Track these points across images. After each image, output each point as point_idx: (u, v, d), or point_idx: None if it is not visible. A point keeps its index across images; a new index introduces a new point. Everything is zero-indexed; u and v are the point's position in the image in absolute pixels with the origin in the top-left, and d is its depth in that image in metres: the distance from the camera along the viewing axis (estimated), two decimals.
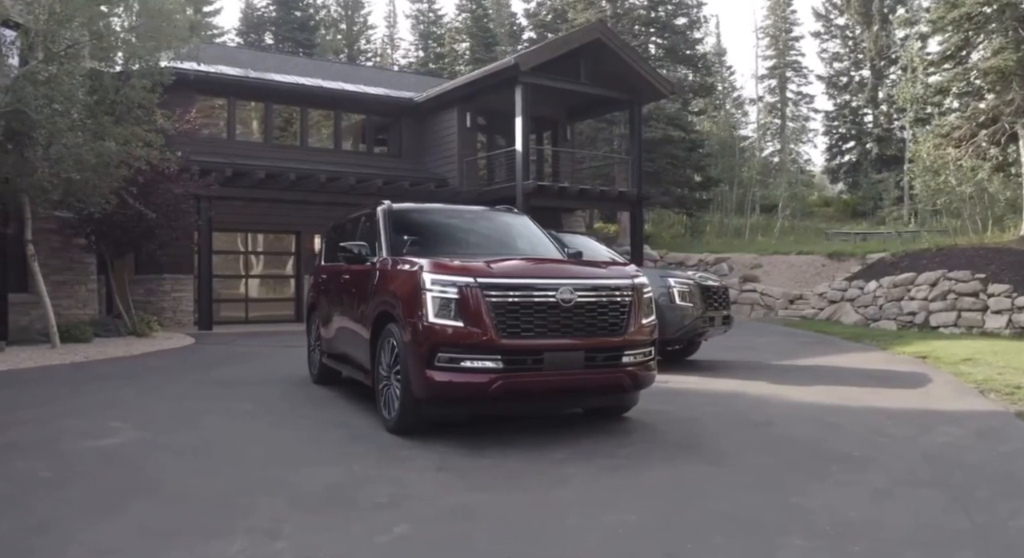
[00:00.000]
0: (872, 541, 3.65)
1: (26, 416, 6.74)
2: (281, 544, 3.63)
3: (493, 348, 5.45)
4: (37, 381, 8.75)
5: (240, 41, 40.09)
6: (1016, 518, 3.97)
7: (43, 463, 5.12)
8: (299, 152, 21.16)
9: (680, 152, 27.51)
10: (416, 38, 46.56)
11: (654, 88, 21.07)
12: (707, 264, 24.06)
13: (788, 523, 3.93)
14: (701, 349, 11.77)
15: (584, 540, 3.71)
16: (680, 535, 3.76)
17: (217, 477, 4.82)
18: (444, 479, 4.82)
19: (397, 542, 3.68)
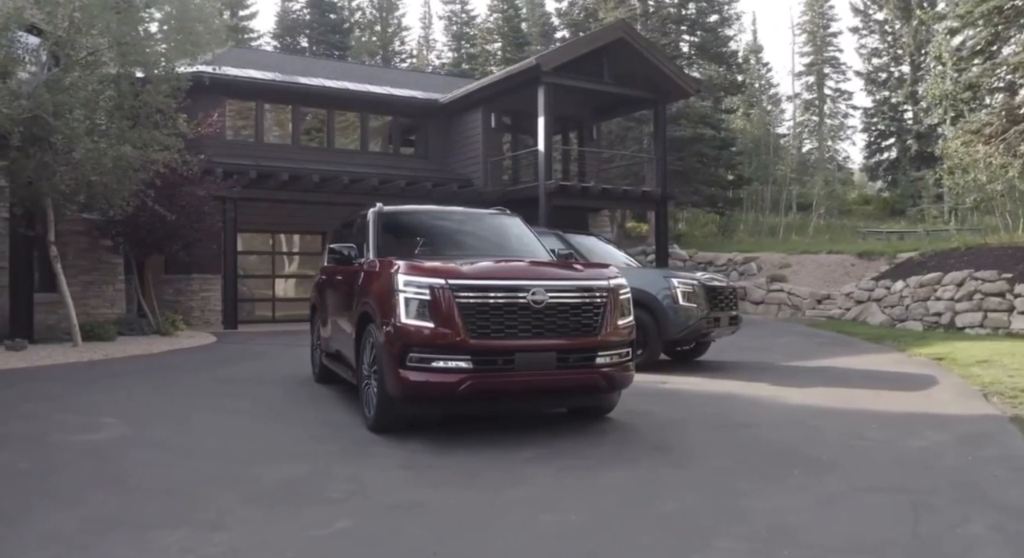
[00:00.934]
0: (801, 547, 3.63)
1: (27, 411, 7.01)
2: (220, 535, 3.75)
3: (463, 348, 5.52)
4: (49, 378, 9.05)
5: (276, 44, 40.76)
6: (962, 526, 3.90)
7: (25, 456, 5.33)
8: (326, 154, 21.46)
9: (710, 151, 27.24)
10: (449, 39, 46.88)
11: (679, 87, 20.91)
12: (736, 264, 23.82)
13: (725, 526, 3.92)
14: (714, 350, 11.70)
15: (514, 539, 3.75)
16: (611, 536, 3.78)
17: (185, 471, 4.97)
18: (404, 476, 4.91)
19: (332, 536, 3.77)
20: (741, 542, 3.67)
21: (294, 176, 18.39)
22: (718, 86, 29.26)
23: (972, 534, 3.79)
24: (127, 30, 12.19)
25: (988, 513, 4.09)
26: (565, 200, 20.06)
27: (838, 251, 22.07)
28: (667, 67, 20.73)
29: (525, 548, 3.63)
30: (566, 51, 19.82)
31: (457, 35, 46.00)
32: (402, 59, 46.50)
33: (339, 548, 3.65)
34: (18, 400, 7.63)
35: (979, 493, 4.48)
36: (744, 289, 21.68)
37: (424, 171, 21.52)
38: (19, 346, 10.81)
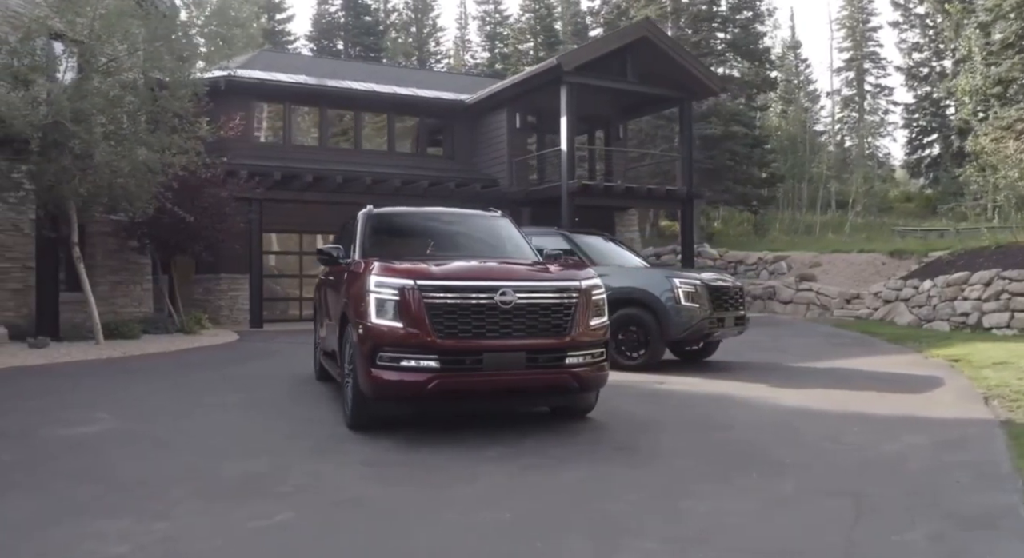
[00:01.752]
0: (720, 549, 3.63)
1: (29, 406, 7.29)
2: (161, 525, 3.90)
3: (431, 348, 5.60)
4: (61, 374, 9.37)
5: (312, 46, 41.37)
6: (901, 533, 3.83)
7: (11, 448, 5.57)
8: (354, 155, 21.76)
9: (741, 149, 26.90)
10: (482, 39, 47.04)
11: (704, 85, 20.73)
12: (766, 263, 23.54)
13: (656, 526, 3.94)
14: (727, 350, 11.62)
15: (442, 535, 3.82)
16: (537, 534, 3.82)
17: (152, 464, 5.14)
18: (361, 472, 5.01)
19: (266, 527, 3.89)
20: (664, 543, 3.69)
21: (318, 177, 18.70)
22: (750, 83, 28.87)
23: (908, 541, 3.73)
24: (147, 37, 12.48)
25: (934, 520, 4.02)
26: (588, 199, 20.05)
27: (869, 250, 21.66)
28: (692, 65, 20.57)
29: (445, 545, 3.69)
30: (589, 50, 19.81)
31: (490, 35, 46.14)
32: (437, 60, 46.81)
33: (267, 538, 3.76)
34: (24, 395, 7.94)
35: (933, 499, 4.40)
36: (773, 288, 21.44)
37: (450, 171, 21.67)
38: (41, 344, 11.21)
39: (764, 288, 21.84)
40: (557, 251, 7.83)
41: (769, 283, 21.86)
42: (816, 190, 32.46)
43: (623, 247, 12.34)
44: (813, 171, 33.26)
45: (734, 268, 24.39)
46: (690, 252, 21.17)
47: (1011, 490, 4.50)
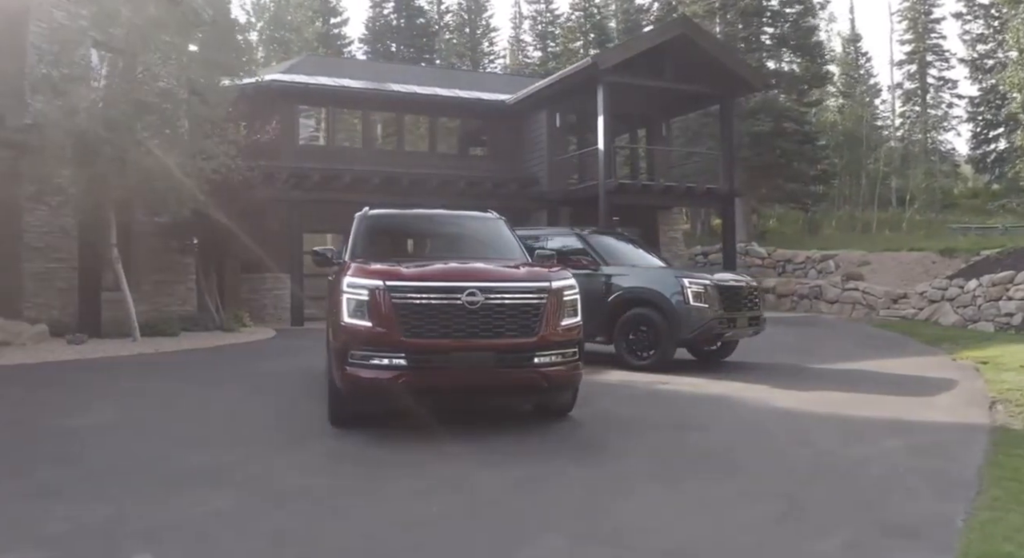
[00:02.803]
0: (622, 547, 3.69)
1: (41, 397, 7.77)
2: (107, 508, 4.17)
3: (399, 347, 5.75)
4: (88, 369, 9.84)
5: (367, 49, 42.10)
6: (817, 540, 3.78)
7: (6, 436, 5.91)
8: (396, 156, 22.10)
9: (791, 145, 26.32)
10: (534, 38, 47.11)
11: (745, 81, 20.41)
12: (814, 262, 23.04)
13: (574, 524, 4.03)
14: (750, 351, 11.49)
15: (359, 524, 4.00)
16: (454, 527, 3.95)
17: (128, 453, 5.44)
18: (318, 464, 5.23)
19: (200, 514, 4.12)
20: (570, 539, 3.76)
21: (356, 178, 19.05)
22: (800, 79, 28.23)
23: (819, 549, 3.70)
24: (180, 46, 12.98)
25: (859, 528, 3.97)
26: (626, 198, 19.95)
27: (919, 248, 21.01)
28: (732, 62, 20.28)
29: (355, 533, 3.84)
30: (625, 49, 19.73)
31: (541, 34, 46.18)
32: (490, 60, 47.08)
33: (192, 522, 3.99)
34: (44, 387, 8.42)
35: (872, 506, 4.33)
36: (819, 288, 20.98)
37: (491, 172, 21.81)
38: (79, 340, 11.78)
39: (811, 287, 21.38)
40: (549, 252, 7.87)
41: (816, 282, 21.39)
42: (873, 187, 31.54)
43: (641, 247, 12.29)
44: (870, 167, 32.29)
45: (782, 267, 23.96)
46: (732, 251, 20.86)
47: (960, 499, 4.39)
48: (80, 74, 11.97)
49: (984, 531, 3.79)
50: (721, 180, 21.01)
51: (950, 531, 3.84)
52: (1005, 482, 4.66)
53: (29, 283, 13.14)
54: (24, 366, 9.57)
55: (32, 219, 13.17)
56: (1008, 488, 4.54)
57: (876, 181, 31.76)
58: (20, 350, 10.74)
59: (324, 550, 3.66)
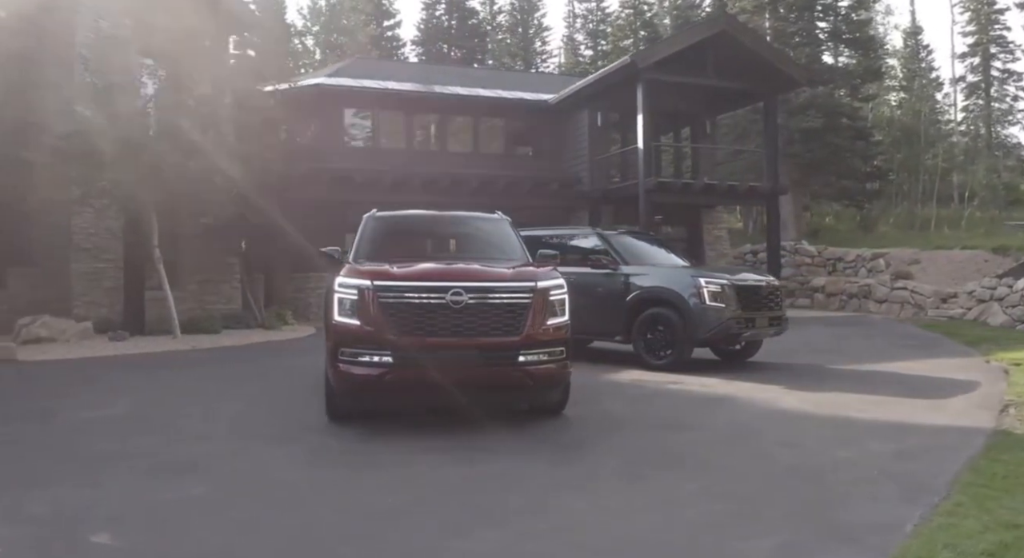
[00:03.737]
0: (556, 543, 3.77)
1: (66, 391, 8.20)
2: (88, 493, 4.48)
3: (386, 345, 5.92)
4: (122, 364, 10.30)
5: (420, 50, 42.58)
6: (752, 540, 3.80)
7: (22, 428, 6.33)
8: (439, 157, 22.37)
9: (844, 141, 25.67)
10: (585, 37, 46.93)
11: (789, 77, 20.04)
12: (864, 260, 22.48)
13: (521, 519, 4.14)
14: (778, 351, 11.38)
15: (321, 513, 4.18)
16: (406, 519, 4.11)
17: (126, 444, 5.76)
18: (301, 458, 5.45)
19: (172, 500, 4.39)
20: (512, 534, 3.90)
21: (398, 180, 19.37)
22: (854, 73, 27.48)
23: (749, 548, 3.72)
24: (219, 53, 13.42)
25: (801, 530, 3.98)
26: (665, 197, 19.80)
27: (972, 246, 20.32)
28: (775, 58, 19.94)
29: (322, 522, 4.03)
30: (664, 47, 19.60)
31: (592, 33, 46.00)
32: (543, 60, 47.08)
33: (163, 508, 4.24)
34: (69, 382, 8.86)
35: (825, 509, 4.31)
36: (868, 287, 20.50)
37: (533, 171, 21.90)
38: (120, 337, 12.32)
39: (859, 287, 20.89)
40: (552, 252, 7.93)
41: (865, 281, 20.89)
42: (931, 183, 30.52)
43: (666, 247, 12.21)
44: (928, 163, 31.23)
45: (832, 266, 23.46)
46: (776, 249, 20.53)
47: (923, 504, 4.32)
48: (123, 82, 12.46)
49: (928, 537, 3.75)
50: (765, 178, 20.69)
51: (892, 537, 3.80)
52: (975, 488, 4.57)
53: (78, 283, 13.77)
54: (62, 361, 10.08)
55: (80, 221, 13.81)
56: (975, 494, 4.46)
57: (935, 177, 30.71)
58: (63, 346, 11.30)
59: (276, 537, 3.84)
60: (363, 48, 37.66)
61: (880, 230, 26.74)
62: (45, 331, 11.46)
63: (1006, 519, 3.97)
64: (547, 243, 11.89)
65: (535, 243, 11.90)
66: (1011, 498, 4.35)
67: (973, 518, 4.02)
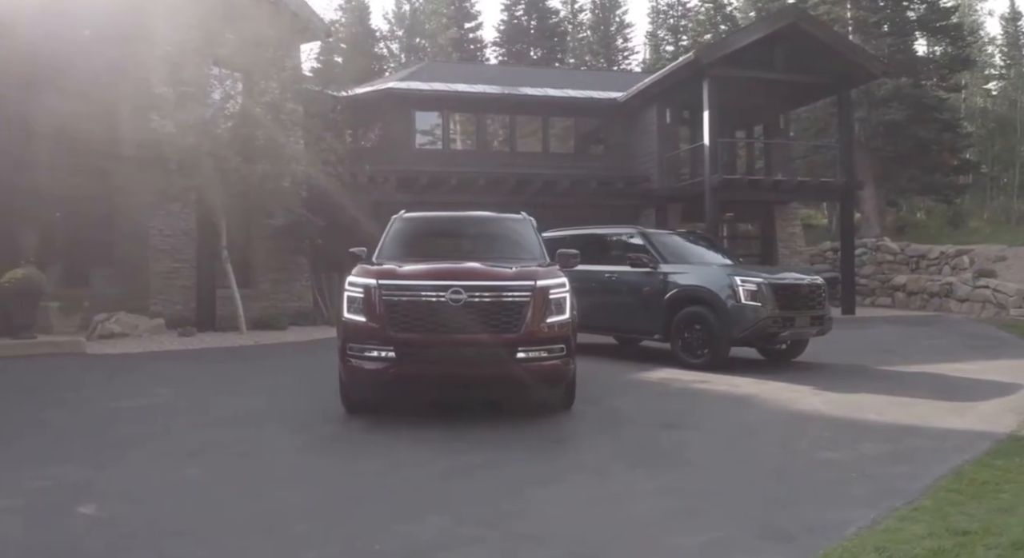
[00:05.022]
0: (495, 530, 3.97)
1: (116, 382, 8.86)
2: (92, 473, 4.94)
3: (388, 341, 6.22)
4: (180, 358, 10.94)
5: (502, 50, 42.97)
6: (684, 536, 3.87)
7: (60, 414, 6.91)
8: (509, 157, 22.65)
9: (929, 134, 24.56)
10: (665, 32, 46.29)
11: (863, 69, 19.37)
12: (948, 257, 21.58)
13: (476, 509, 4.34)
14: (828, 351, 11.23)
15: (285, 494, 4.50)
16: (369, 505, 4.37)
17: (147, 430, 6.24)
18: (305, 444, 5.83)
19: (171, 480, 4.79)
20: (458, 521, 4.09)
21: (462, 181, 19.73)
22: (941, 63, 26.23)
23: (680, 543, 3.81)
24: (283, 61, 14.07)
25: (742, 528, 3.98)
26: (732, 194, 19.51)
27: None
28: (848, 49, 19.33)
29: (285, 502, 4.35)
30: (730, 42, 19.26)
31: (673, 28, 45.37)
32: (624, 57, 46.77)
33: (154, 486, 4.65)
34: (123, 374, 9.54)
35: (778, 509, 4.30)
36: (950, 285, 19.69)
37: (601, 170, 21.90)
38: (188, 333, 13.08)
39: (941, 285, 20.08)
40: (572, 252, 8.01)
41: (946, 280, 20.05)
42: None
43: (709, 246, 12.10)
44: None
45: (915, 263, 22.59)
46: (850, 247, 19.90)
47: (883, 507, 4.26)
48: (192, 92, 13.19)
49: (863, 540, 3.74)
50: (838, 173, 20.08)
51: (829, 538, 3.79)
52: (946, 493, 4.50)
53: (155, 281, 14.67)
54: (126, 355, 10.83)
55: (157, 223, 14.70)
56: (943, 499, 4.38)
57: None
58: (133, 341, 12.11)
59: (243, 513, 4.17)
60: (444, 51, 38.33)
61: (971, 225, 25.44)
62: (119, 327, 12.30)
63: (958, 526, 3.90)
64: (587, 241, 12.02)
65: (576, 241, 12.08)
66: (977, 505, 4.26)
67: (924, 523, 3.96)
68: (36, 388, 8.35)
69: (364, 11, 42.60)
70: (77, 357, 10.43)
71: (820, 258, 24.07)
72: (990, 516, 4.07)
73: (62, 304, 12.35)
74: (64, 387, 8.45)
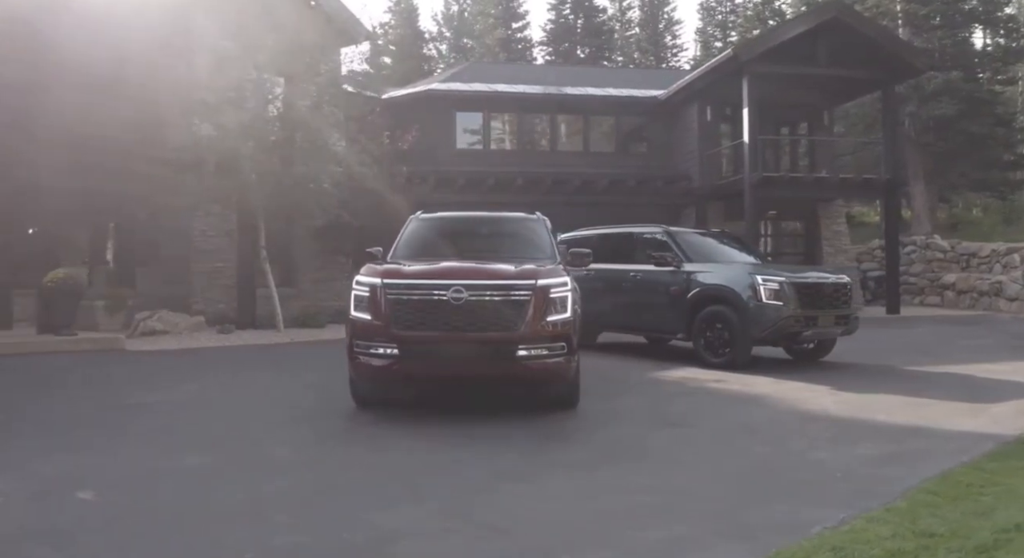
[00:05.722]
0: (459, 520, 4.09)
1: (144, 377, 9.24)
2: (98, 460, 5.25)
3: (392, 338, 6.40)
4: (211, 355, 11.32)
5: (548, 49, 43.04)
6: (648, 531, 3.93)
7: (85, 408, 7.26)
8: (550, 156, 22.75)
9: (982, 128, 23.81)
10: (713, 28, 45.69)
11: (908, 63, 18.94)
12: (999, 255, 20.94)
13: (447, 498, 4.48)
14: (859, 350, 11.17)
15: (272, 485, 4.70)
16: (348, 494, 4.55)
17: (163, 423, 6.54)
18: (309, 439, 6.05)
19: (170, 469, 5.05)
20: (424, 510, 4.24)
21: (500, 180, 19.89)
22: (994, 56, 25.39)
23: (640, 538, 3.85)
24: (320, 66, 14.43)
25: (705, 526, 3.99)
26: (772, 192, 19.27)
27: None
28: (892, 44, 18.92)
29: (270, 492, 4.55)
30: (769, 38, 19.06)
31: (722, 24, 44.78)
32: (674, 54, 46.35)
33: (155, 474, 4.91)
34: (153, 369, 9.94)
35: (744, 509, 4.26)
36: (1000, 284, 19.17)
37: (644, 169, 21.82)
38: (227, 330, 13.52)
39: (991, 284, 19.58)
40: (585, 251, 8.10)
41: (996, 278, 19.52)
42: None
43: (736, 245, 12.00)
44: None
45: (966, 261, 21.99)
46: (894, 245, 19.50)
47: (856, 508, 4.21)
48: (232, 97, 13.62)
49: (823, 539, 3.74)
50: (882, 169, 19.66)
51: (790, 537, 3.79)
52: (925, 495, 4.45)
53: (198, 281, 15.19)
54: (164, 351, 11.28)
55: (200, 225, 15.22)
56: (919, 501, 4.34)
57: None
58: (173, 338, 12.58)
59: (228, 502, 4.37)
60: (491, 52, 38.57)
61: None
62: (160, 324, 12.78)
63: (925, 528, 3.86)
64: (614, 241, 12.07)
65: (603, 241, 12.17)
66: (952, 508, 4.21)
67: (892, 524, 3.94)
68: (66, 382, 8.82)
69: (413, 13, 43.22)
70: (114, 353, 10.90)
71: (869, 256, 23.57)
72: (963, 519, 4.03)
73: (107, 303, 12.89)
74: (93, 381, 8.89)
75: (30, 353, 10.35)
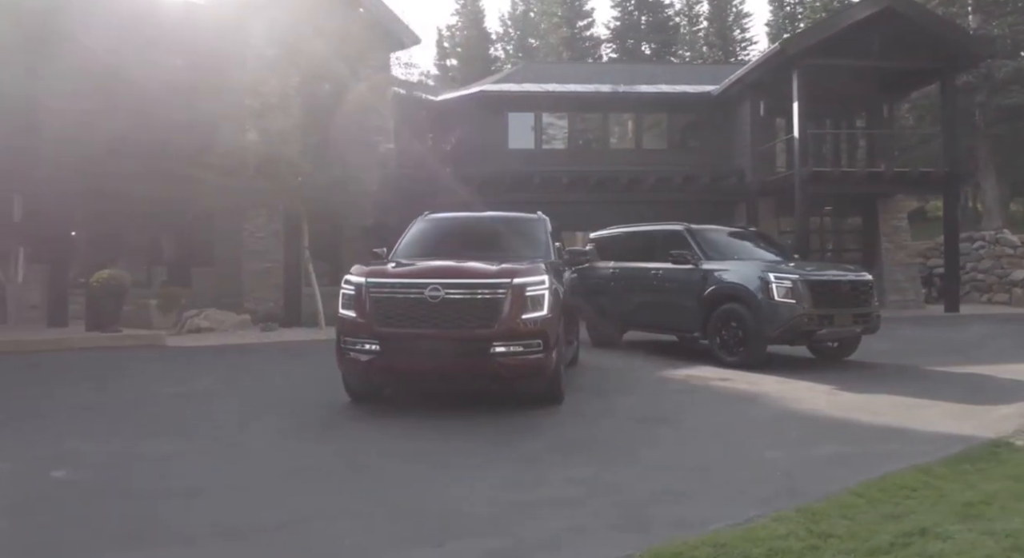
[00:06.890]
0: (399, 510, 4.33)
1: (177, 371, 9.83)
2: (94, 445, 5.71)
3: (373, 335, 6.70)
4: (249, 351, 11.86)
5: (613, 46, 42.83)
6: (555, 521, 4.06)
7: (108, 398, 7.81)
8: (602, 155, 22.79)
9: None
10: (783, 20, 44.47)
11: (968, 51, 18.23)
12: None
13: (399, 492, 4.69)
14: (888, 350, 11.04)
15: (238, 470, 5.07)
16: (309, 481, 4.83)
17: (177, 413, 7.02)
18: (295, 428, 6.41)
19: (151, 454, 5.46)
20: (371, 497, 4.50)
21: (546, 179, 20.02)
22: None
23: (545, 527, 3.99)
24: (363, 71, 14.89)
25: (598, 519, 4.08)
26: (823, 187, 18.86)
27: None
28: (950, 32, 18.22)
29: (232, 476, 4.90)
30: (818, 31, 18.66)
31: (790, 15, 43.58)
32: (743, 47, 45.40)
33: (135, 458, 5.35)
34: (189, 363, 10.53)
35: (657, 505, 4.32)
36: None
37: (697, 165, 21.58)
38: (270, 328, 14.11)
39: None
40: (582, 250, 8.26)
41: None
42: None
43: (760, 242, 11.85)
44: None
45: None
46: (953, 240, 18.78)
47: (772, 507, 4.14)
48: (274, 104, 14.18)
49: (713, 536, 3.72)
50: (943, 162, 18.95)
51: (684, 532, 3.81)
52: (849, 497, 4.37)
53: (248, 281, 15.89)
54: (202, 347, 11.90)
55: (251, 227, 15.92)
56: (839, 502, 4.30)
57: None
58: (217, 335, 13.24)
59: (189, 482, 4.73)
60: (555, 51, 38.67)
61: None
62: (206, 322, 13.45)
63: (825, 529, 3.85)
64: (637, 239, 12.08)
65: (628, 239, 12.23)
66: (868, 510, 4.18)
67: (794, 524, 3.93)
68: (100, 375, 9.47)
69: (479, 14, 43.73)
70: (155, 349, 11.57)
71: (935, 252, 22.74)
72: (872, 522, 3.99)
73: (160, 302, 13.63)
74: (126, 374, 9.52)
75: (72, 349, 11.07)
